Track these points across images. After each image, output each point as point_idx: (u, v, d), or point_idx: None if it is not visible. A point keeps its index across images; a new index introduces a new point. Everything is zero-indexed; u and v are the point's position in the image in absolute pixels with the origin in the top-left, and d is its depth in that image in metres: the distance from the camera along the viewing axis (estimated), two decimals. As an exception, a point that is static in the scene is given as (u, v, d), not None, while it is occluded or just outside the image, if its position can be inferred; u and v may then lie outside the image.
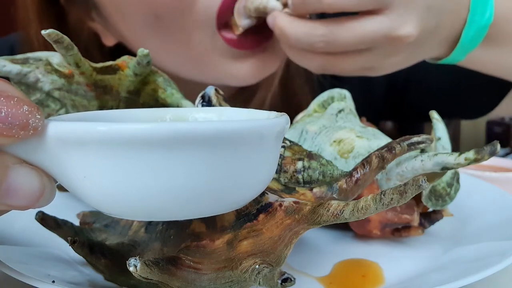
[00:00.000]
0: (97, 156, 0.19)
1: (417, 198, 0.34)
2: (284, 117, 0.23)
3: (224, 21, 0.49)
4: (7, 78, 0.31)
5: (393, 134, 0.36)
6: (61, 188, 0.41)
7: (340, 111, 0.38)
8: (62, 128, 0.19)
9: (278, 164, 0.30)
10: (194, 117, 0.28)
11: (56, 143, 0.19)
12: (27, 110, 0.19)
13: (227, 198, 0.22)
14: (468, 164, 0.30)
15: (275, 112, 0.25)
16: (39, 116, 0.19)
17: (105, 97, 0.35)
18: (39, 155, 0.20)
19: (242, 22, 0.48)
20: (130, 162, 0.19)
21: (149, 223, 0.29)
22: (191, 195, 0.20)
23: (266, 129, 0.21)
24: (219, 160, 0.20)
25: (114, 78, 0.34)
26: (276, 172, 0.30)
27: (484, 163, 0.32)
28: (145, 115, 0.28)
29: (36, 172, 0.20)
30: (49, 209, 0.31)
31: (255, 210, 0.26)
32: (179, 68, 0.55)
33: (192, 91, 0.55)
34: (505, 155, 0.87)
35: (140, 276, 0.21)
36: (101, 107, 0.35)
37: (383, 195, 0.22)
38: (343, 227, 0.37)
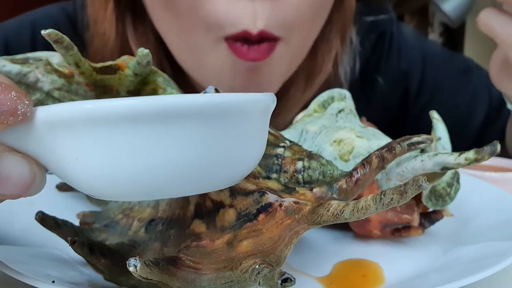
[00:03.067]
0: (87, 136, 0.19)
1: (417, 198, 0.34)
2: (269, 95, 0.23)
3: (236, 32, 0.48)
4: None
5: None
6: (61, 188, 0.41)
7: (340, 111, 0.38)
8: (50, 111, 0.19)
9: (278, 164, 0.30)
10: None
11: (45, 128, 0.19)
12: (15, 96, 0.18)
13: (220, 173, 0.22)
14: (468, 164, 0.30)
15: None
16: (27, 102, 0.19)
17: (105, 97, 0.35)
18: (29, 142, 0.20)
19: None
20: (119, 139, 0.19)
21: (149, 223, 0.29)
22: (183, 170, 0.20)
23: (250, 104, 0.21)
24: (208, 134, 0.20)
25: (114, 78, 0.34)
26: (276, 172, 0.30)
27: (484, 163, 0.32)
28: None
29: (26, 160, 0.20)
30: (49, 209, 0.32)
31: (255, 210, 0.26)
32: (179, 57, 0.54)
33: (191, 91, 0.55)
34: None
35: (140, 276, 0.21)
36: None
37: (383, 195, 0.22)
38: (343, 227, 0.37)
